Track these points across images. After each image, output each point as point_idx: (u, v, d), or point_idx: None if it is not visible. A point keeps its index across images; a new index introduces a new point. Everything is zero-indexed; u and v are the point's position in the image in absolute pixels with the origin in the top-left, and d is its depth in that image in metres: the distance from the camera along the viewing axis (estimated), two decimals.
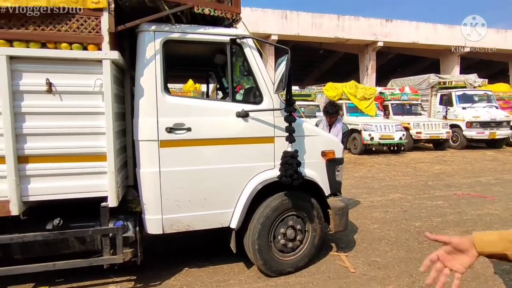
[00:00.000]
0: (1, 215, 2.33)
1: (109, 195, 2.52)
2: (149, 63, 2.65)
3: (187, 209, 2.78)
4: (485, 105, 11.91)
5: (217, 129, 2.81)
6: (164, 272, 3.16)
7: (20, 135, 2.33)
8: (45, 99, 2.36)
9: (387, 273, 3.16)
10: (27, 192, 2.38)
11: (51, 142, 2.40)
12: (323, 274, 3.15)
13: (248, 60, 2.92)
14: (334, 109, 4.70)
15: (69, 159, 2.45)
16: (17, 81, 2.29)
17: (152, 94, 2.65)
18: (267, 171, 2.95)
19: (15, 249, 2.56)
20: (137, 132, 2.66)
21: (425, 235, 1.02)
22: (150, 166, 2.67)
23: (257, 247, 2.93)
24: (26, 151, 2.36)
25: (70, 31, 2.33)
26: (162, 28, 2.69)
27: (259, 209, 2.94)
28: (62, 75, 2.38)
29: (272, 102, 2.94)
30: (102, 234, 2.59)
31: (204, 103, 2.87)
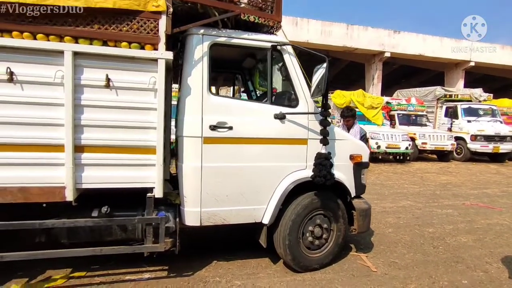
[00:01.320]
0: (58, 200, 2.48)
1: (156, 186, 2.68)
2: (197, 64, 2.83)
3: (225, 203, 2.94)
4: (490, 119, 12.15)
5: (256, 129, 2.97)
6: (194, 263, 3.31)
7: (78, 126, 2.49)
8: (103, 93, 2.53)
9: (407, 273, 3.31)
10: (81, 180, 2.54)
11: (105, 133, 2.56)
12: (347, 272, 3.31)
13: (287, 65, 3.09)
14: (350, 113, 4.94)
15: (121, 151, 2.61)
16: (79, 75, 2.46)
17: (198, 94, 2.81)
18: (299, 171, 3.11)
19: (62, 233, 2.71)
20: (182, 128, 2.82)
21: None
22: (193, 161, 2.82)
23: (287, 242, 3.08)
24: (82, 141, 2.52)
25: (131, 31, 2.50)
26: (209, 32, 2.87)
27: (291, 206, 3.10)
28: (120, 72, 2.55)
29: (307, 106, 3.11)
30: (147, 223, 2.74)
31: (246, 104, 3.04)
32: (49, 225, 2.54)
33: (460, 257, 3.76)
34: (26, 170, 2.43)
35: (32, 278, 2.93)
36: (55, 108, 2.44)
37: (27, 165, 2.43)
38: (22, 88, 2.38)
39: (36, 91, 2.40)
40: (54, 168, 2.48)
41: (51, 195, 2.46)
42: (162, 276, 3.08)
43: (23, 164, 2.42)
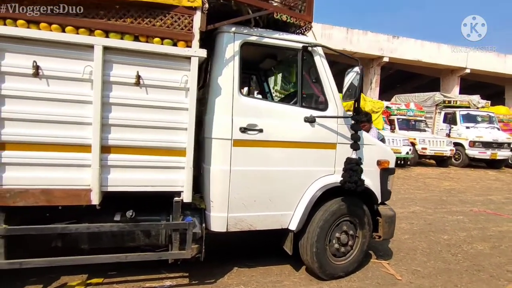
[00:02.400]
0: (83, 203, 2.34)
1: (185, 191, 2.55)
2: (228, 63, 2.71)
3: (252, 208, 2.83)
4: (487, 126, 12.30)
5: (286, 132, 2.87)
6: (215, 270, 3.18)
7: (106, 125, 2.35)
8: (132, 91, 2.40)
9: (432, 282, 3.25)
10: (107, 182, 2.40)
11: (133, 134, 2.43)
12: (372, 280, 3.22)
13: (318, 67, 3.00)
14: (365, 118, 4.85)
15: (149, 152, 2.47)
16: (108, 71, 2.33)
17: (228, 94, 2.70)
18: (327, 176, 3.02)
19: (83, 238, 2.55)
20: (210, 129, 2.70)
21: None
22: (222, 164, 2.70)
23: (315, 249, 2.98)
24: (109, 141, 2.38)
25: (164, 26, 2.38)
26: (241, 30, 2.76)
27: (319, 212, 3.00)
28: (151, 69, 2.42)
29: (337, 109, 3.03)
30: (174, 228, 2.61)
31: (276, 106, 2.94)
32: (72, 230, 2.39)
33: (480, 265, 3.72)
34: (50, 171, 2.28)
35: (46, 285, 2.77)
36: (82, 105, 2.30)
37: (51, 166, 2.28)
38: (48, 83, 2.24)
39: (63, 87, 2.26)
40: (80, 169, 2.33)
41: (75, 198, 2.31)
42: (184, 283, 2.95)
43: (46, 164, 2.27)
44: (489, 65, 18.62)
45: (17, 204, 2.22)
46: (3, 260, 2.26)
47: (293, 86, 4.12)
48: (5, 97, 2.17)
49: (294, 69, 3.80)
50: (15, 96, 2.18)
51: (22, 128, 2.21)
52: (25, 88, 2.19)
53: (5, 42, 2.14)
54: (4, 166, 2.21)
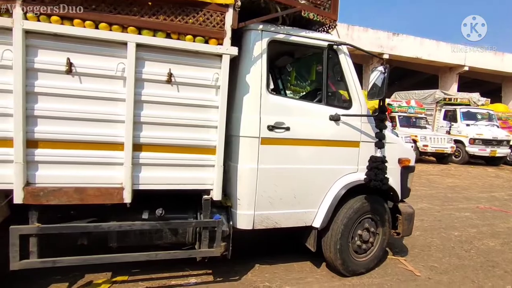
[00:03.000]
0: (115, 201, 2.33)
1: (214, 189, 2.56)
2: (256, 61, 2.70)
3: (278, 206, 2.84)
4: (487, 124, 12.44)
5: (312, 130, 2.88)
6: (237, 267, 3.19)
7: (138, 123, 2.34)
8: (164, 89, 2.39)
9: (450, 278, 3.30)
10: (138, 180, 2.39)
11: (164, 132, 2.42)
12: (392, 276, 3.27)
13: (342, 66, 3.01)
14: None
15: (179, 150, 2.47)
16: (140, 68, 2.31)
17: (257, 92, 2.70)
18: (351, 174, 3.04)
19: (112, 236, 2.54)
20: (238, 127, 2.70)
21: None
22: (250, 162, 2.71)
23: (338, 246, 3.01)
24: (141, 139, 2.37)
25: (196, 24, 2.36)
26: (268, 28, 2.75)
27: (342, 210, 3.02)
28: (182, 67, 2.41)
29: (361, 107, 3.05)
30: (203, 226, 2.61)
31: (303, 104, 2.94)
32: (105, 228, 2.38)
33: (494, 261, 3.78)
34: (83, 169, 2.26)
35: (72, 284, 2.76)
36: (115, 103, 2.28)
37: (84, 164, 2.26)
38: (80, 80, 2.22)
39: (96, 84, 2.24)
40: (112, 167, 2.32)
41: (108, 196, 2.30)
42: (209, 280, 2.96)
43: (79, 162, 2.25)
44: (487, 63, 18.79)
45: (50, 203, 2.21)
46: (36, 259, 2.25)
47: (309, 84, 4.13)
48: (39, 94, 2.14)
49: (313, 67, 3.83)
50: (48, 93, 2.16)
51: (55, 125, 2.19)
52: (58, 85, 2.16)
53: (39, 39, 2.11)
54: (37, 164, 2.19)
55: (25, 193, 2.15)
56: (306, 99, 3.32)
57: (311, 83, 4.08)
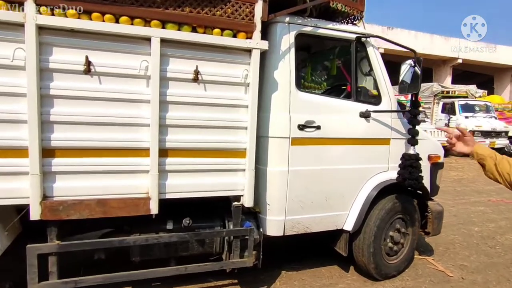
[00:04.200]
0: (141, 213, 2.13)
1: (246, 194, 2.38)
2: (284, 56, 2.52)
3: (309, 210, 2.67)
4: (485, 115, 12.46)
5: (342, 128, 2.72)
6: (263, 275, 3.02)
7: (163, 126, 2.14)
8: (190, 88, 2.19)
9: (485, 277, 3.19)
10: (165, 189, 2.19)
11: (191, 135, 2.23)
12: (425, 278, 3.14)
13: (371, 59, 2.86)
14: None
15: (207, 154, 2.28)
16: (165, 66, 2.10)
17: (286, 89, 2.51)
18: (381, 173, 2.89)
19: (135, 250, 2.34)
20: (266, 127, 2.51)
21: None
22: (280, 164, 2.53)
23: (372, 250, 2.86)
24: (167, 144, 2.17)
25: (224, 16, 2.17)
26: (295, 20, 2.56)
27: (374, 211, 2.87)
28: (209, 63, 2.21)
29: (391, 103, 2.89)
30: (235, 235, 2.42)
31: (332, 101, 2.76)
32: (130, 243, 2.18)
33: None
34: (105, 179, 2.05)
35: None
36: (138, 105, 2.08)
37: (106, 173, 2.05)
38: (100, 81, 2.00)
39: (117, 84, 2.03)
40: (137, 175, 2.12)
41: (134, 207, 2.10)
42: None
43: (101, 171, 2.04)
44: (480, 55, 18.91)
45: (70, 217, 2.00)
46: (56, 280, 2.04)
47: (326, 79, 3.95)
48: (54, 97, 1.92)
49: (334, 61, 3.65)
50: (65, 96, 1.94)
51: (72, 132, 1.97)
52: (75, 87, 1.95)
53: (53, 35, 1.88)
54: (55, 175, 1.97)
55: (43, 208, 1.93)
56: (332, 96, 3.14)
57: (329, 79, 3.91)
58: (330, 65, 3.49)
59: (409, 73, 2.81)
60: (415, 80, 2.72)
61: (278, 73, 2.51)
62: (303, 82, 4.20)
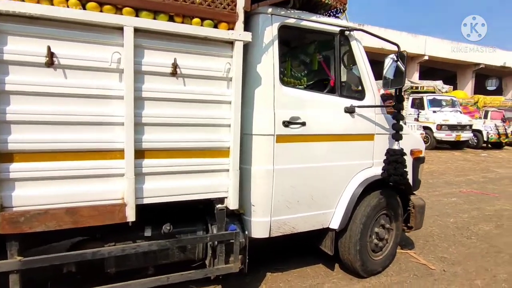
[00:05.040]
0: (117, 221, 1.93)
1: (230, 196, 2.23)
2: (267, 49, 2.39)
3: (295, 210, 2.58)
4: (451, 110, 13.03)
5: (328, 125, 2.64)
6: (247, 279, 2.89)
7: (139, 125, 1.95)
8: (168, 83, 2.01)
9: (464, 269, 3.25)
10: (142, 194, 2.00)
11: (170, 133, 2.05)
12: (409, 272, 3.15)
13: (354, 53, 2.79)
14: None
15: (187, 155, 2.11)
16: (139, 59, 1.91)
17: (269, 84, 2.39)
18: (366, 170, 2.85)
19: (110, 261, 2.13)
20: (250, 125, 2.38)
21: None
22: (265, 163, 2.41)
23: (358, 247, 2.81)
24: (144, 144, 1.98)
25: (205, 4, 2.00)
26: (278, 11, 2.44)
27: (360, 208, 2.82)
28: (188, 56, 2.04)
29: (375, 98, 2.85)
30: (219, 240, 2.27)
31: (317, 96, 2.66)
32: (105, 254, 1.97)
33: (496, 246, 3.81)
34: (75, 185, 1.84)
35: None
36: (111, 102, 1.87)
37: (76, 178, 1.84)
38: (65, 75, 1.78)
39: (86, 79, 1.81)
40: (111, 180, 1.91)
41: (108, 215, 1.90)
42: None
43: (70, 176, 1.82)
44: (444, 52, 19.77)
45: (34, 230, 1.76)
46: None
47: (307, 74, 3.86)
48: (10, 93, 1.68)
49: (314, 56, 3.57)
50: (24, 92, 1.70)
51: (35, 132, 1.74)
52: (37, 81, 1.71)
53: (10, 22, 1.64)
54: (13, 182, 1.73)
55: (0, 221, 1.69)
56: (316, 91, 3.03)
57: (309, 74, 3.82)
58: (311, 59, 3.41)
59: (392, 68, 2.78)
60: (398, 75, 2.69)
61: (261, 67, 2.37)
62: (282, 77, 4.11)
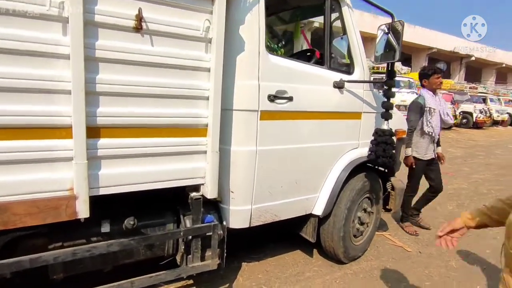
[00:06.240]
0: (65, 219, 1.50)
1: (208, 183, 1.88)
2: (252, 7, 1.99)
3: (278, 195, 2.30)
4: (409, 91, 13.49)
5: (316, 100, 2.35)
6: (222, 271, 2.57)
7: (92, 94, 1.50)
8: (130, 40, 1.56)
9: (439, 249, 3.24)
10: (97, 182, 1.58)
11: (133, 106, 1.62)
12: (387, 255, 3.08)
13: (345, 21, 2.49)
14: None
15: (156, 133, 1.71)
16: (91, 6, 1.43)
17: (254, 50, 2.01)
18: (352, 151, 2.64)
19: (57, 266, 1.71)
20: (230, 98, 2.01)
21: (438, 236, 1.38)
22: (247, 143, 2.07)
23: (342, 234, 2.64)
24: (98, 119, 1.54)
25: None
26: None
27: (345, 192, 2.62)
28: (158, 8, 1.60)
29: (364, 72, 2.61)
30: (194, 235, 1.93)
31: (306, 67, 2.33)
32: (50, 260, 1.54)
33: None
34: (3, 172, 1.37)
35: None
36: (51, 62, 1.40)
37: (4, 164, 1.37)
38: None
39: (15, 30, 1.31)
40: (55, 166, 1.47)
41: (51, 212, 1.46)
42: None
43: None
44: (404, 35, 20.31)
45: None
46: None
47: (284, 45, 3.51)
48: None
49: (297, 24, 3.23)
50: None
51: None
52: None
53: None
54: None
55: None
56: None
57: (286, 45, 3.48)
58: (294, 28, 3.07)
59: (383, 40, 2.53)
60: (390, 48, 2.45)
61: (244, 29, 1.98)
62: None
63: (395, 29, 2.42)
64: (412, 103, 3.53)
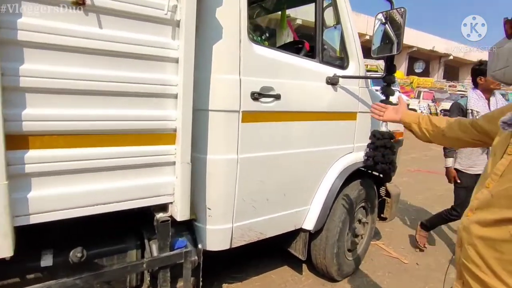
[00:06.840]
0: None
1: (178, 202, 1.51)
2: None
3: (264, 211, 1.96)
4: None
5: (307, 99, 2.02)
6: None
7: (13, 90, 1.11)
8: (71, 19, 1.18)
9: (436, 259, 3.02)
10: (24, 208, 1.19)
11: (74, 107, 1.24)
12: (383, 269, 2.80)
13: (340, 11, 2.18)
14: None
15: (105, 141, 1.33)
16: None
17: (234, 38, 1.65)
18: (346, 156, 2.33)
19: None
20: (205, 96, 1.65)
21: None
22: (226, 151, 1.72)
23: (336, 250, 2.33)
24: (24, 124, 1.15)
25: None
26: None
27: (338, 203, 2.31)
28: None
29: (359, 67, 2.30)
30: (162, 265, 1.56)
31: (296, 60, 1.98)
32: None
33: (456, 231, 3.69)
34: None
35: None
36: None
37: None
38: None
39: None
40: None
41: None
42: None
43: None
44: None
45: None
46: None
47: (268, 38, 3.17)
48: None
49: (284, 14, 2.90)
50: None
51: None
52: None
53: None
54: None
55: None
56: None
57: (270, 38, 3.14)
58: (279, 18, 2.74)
59: (379, 31, 2.22)
60: (388, 40, 2.15)
61: (222, 11, 1.61)
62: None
63: (393, 19, 2.11)
64: (453, 104, 3.10)
